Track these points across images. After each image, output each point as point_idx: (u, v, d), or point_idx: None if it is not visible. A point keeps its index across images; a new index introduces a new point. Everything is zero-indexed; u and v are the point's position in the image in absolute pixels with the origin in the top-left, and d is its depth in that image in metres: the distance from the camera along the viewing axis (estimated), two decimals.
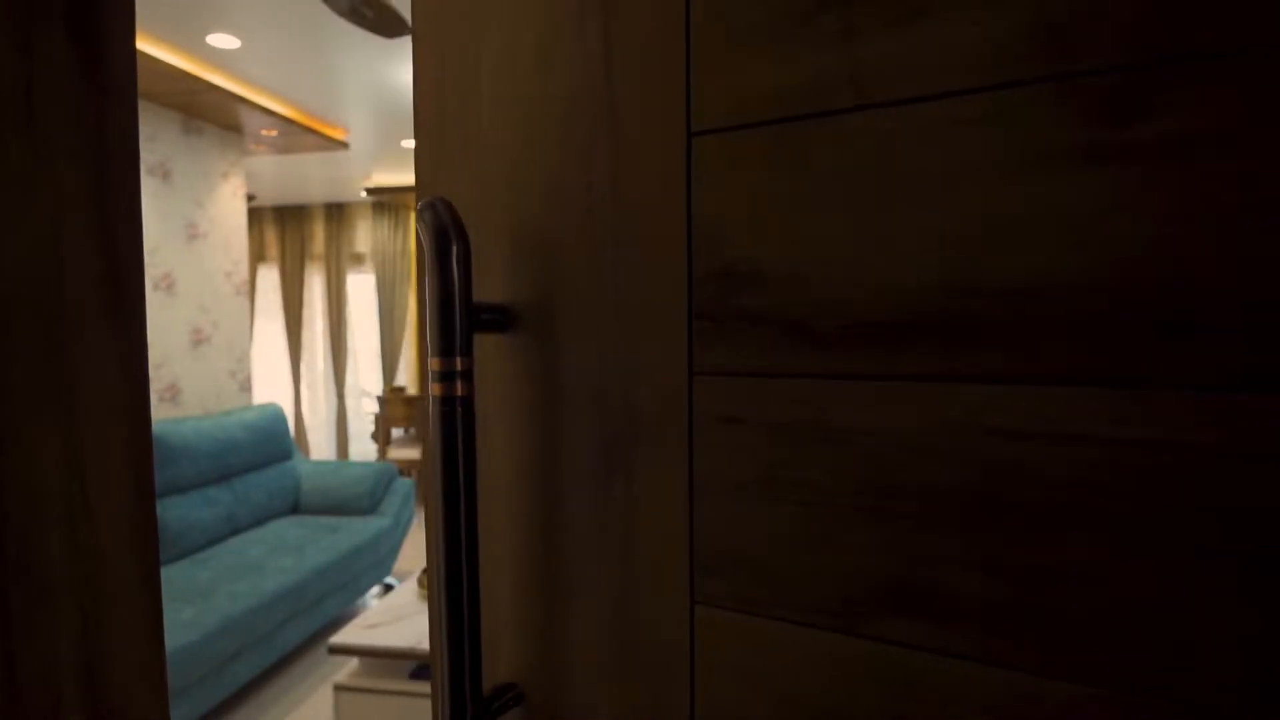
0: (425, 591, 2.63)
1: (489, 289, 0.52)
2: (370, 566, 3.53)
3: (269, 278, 6.88)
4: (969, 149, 0.36)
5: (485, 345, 0.53)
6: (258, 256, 6.81)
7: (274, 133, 3.93)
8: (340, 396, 6.70)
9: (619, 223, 0.46)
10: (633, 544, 0.47)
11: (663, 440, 0.45)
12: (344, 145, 4.36)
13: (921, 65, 0.37)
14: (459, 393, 0.46)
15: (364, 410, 6.67)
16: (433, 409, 0.46)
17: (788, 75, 0.40)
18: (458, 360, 0.45)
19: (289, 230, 6.69)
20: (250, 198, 5.30)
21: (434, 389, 0.45)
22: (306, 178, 5.60)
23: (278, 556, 3.07)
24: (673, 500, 0.45)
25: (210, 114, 3.61)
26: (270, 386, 6.97)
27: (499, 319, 0.51)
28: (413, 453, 5.68)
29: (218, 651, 2.48)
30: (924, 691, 0.38)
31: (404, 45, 2.97)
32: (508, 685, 0.53)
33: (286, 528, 3.50)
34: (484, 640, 0.54)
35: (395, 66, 3.22)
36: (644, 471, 0.46)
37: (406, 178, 5.53)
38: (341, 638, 2.34)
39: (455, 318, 0.45)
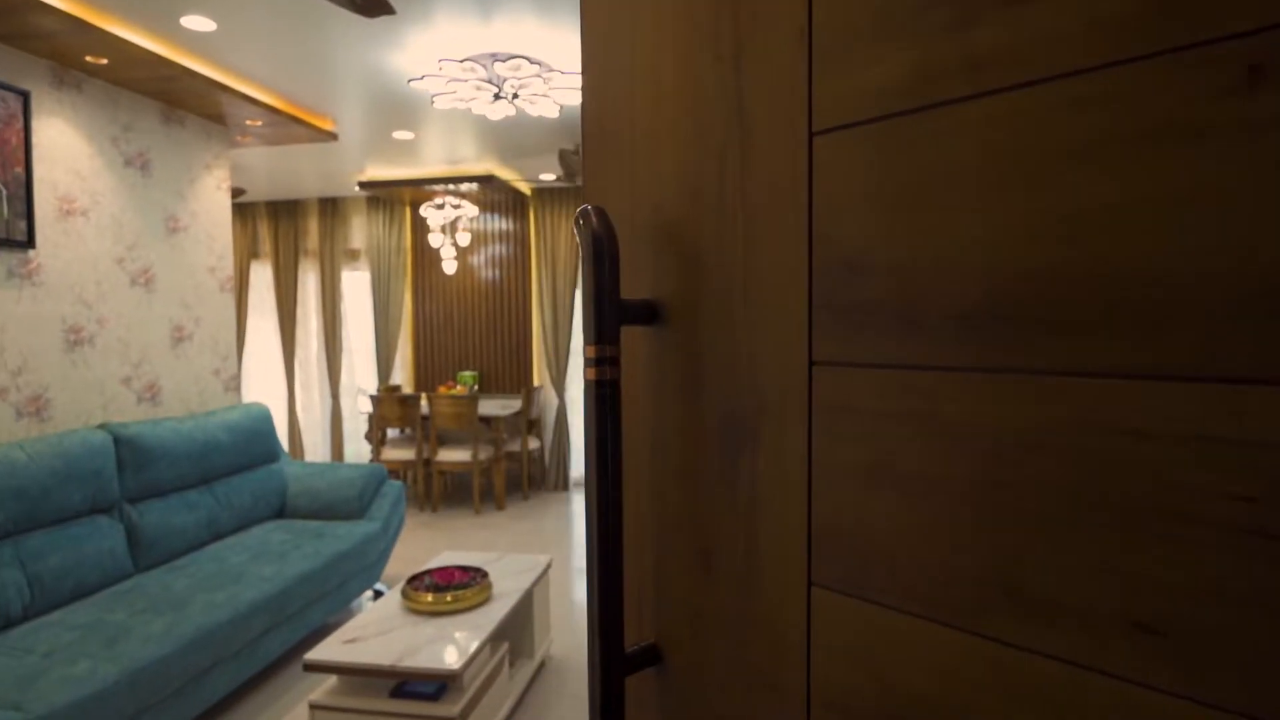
0: (409, 603, 2.49)
1: (638, 286, 0.58)
2: (358, 573, 3.40)
3: (262, 274, 6.75)
4: (1086, 129, 0.35)
5: (632, 335, 0.59)
6: (251, 252, 6.69)
7: (259, 123, 3.79)
8: (334, 396, 6.57)
9: (748, 220, 0.49)
10: (757, 522, 0.49)
11: (784, 426, 0.47)
12: (333, 136, 4.22)
13: (1035, 48, 0.36)
14: (608, 377, 0.51)
15: (360, 409, 6.53)
16: (586, 391, 0.52)
17: (902, 70, 0.41)
18: (608, 348, 0.51)
19: (282, 225, 6.56)
20: (239, 191, 5.17)
21: (587, 373, 0.51)
22: (298, 172, 5.47)
23: (259, 564, 2.94)
24: (793, 484, 0.47)
25: (190, 103, 3.47)
26: (264, 385, 6.85)
27: (644, 312, 0.56)
28: (407, 453, 5.54)
29: (190, 665, 2.34)
30: (1021, 691, 0.38)
31: (390, 29, 2.83)
32: (648, 645, 0.58)
33: (271, 532, 3.36)
34: (627, 602, 0.60)
35: (382, 52, 3.07)
36: (767, 455, 0.48)
37: (400, 171, 5.39)
38: (318, 653, 2.20)
39: (606, 311, 0.51)
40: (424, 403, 5.62)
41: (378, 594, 3.76)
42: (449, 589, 2.53)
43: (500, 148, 4.74)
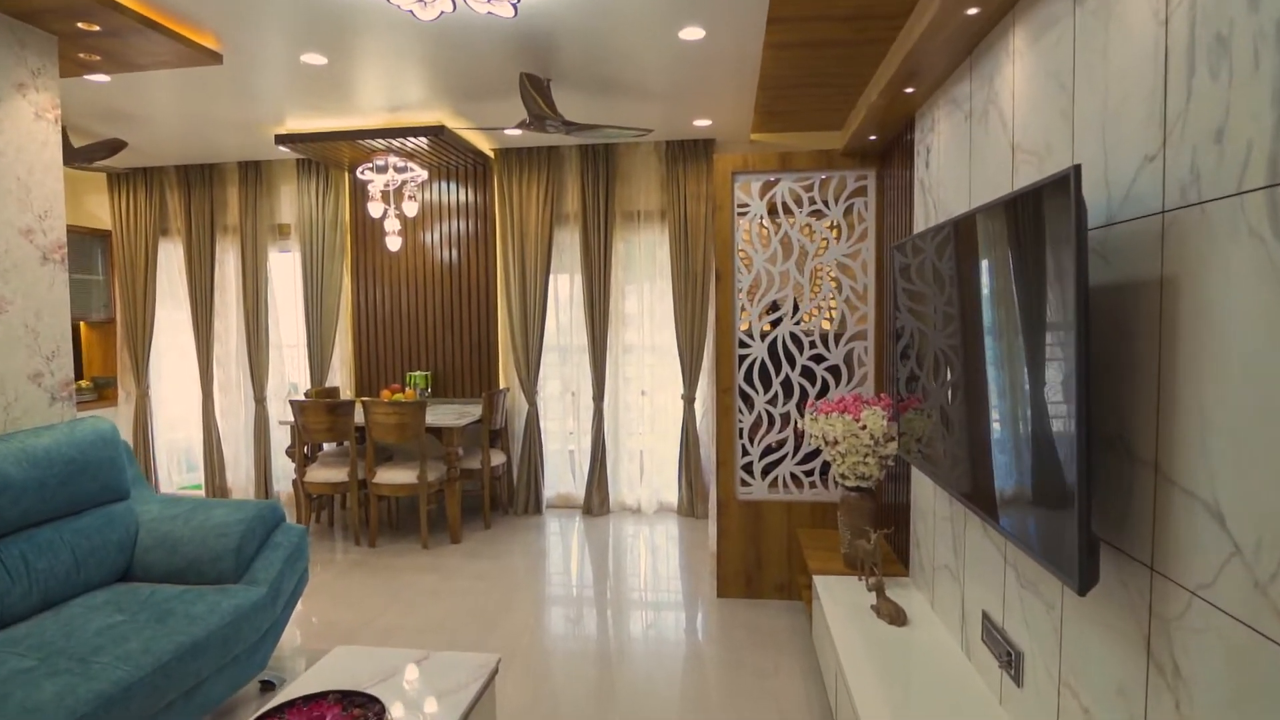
0: None
1: None
2: (225, 666, 2.34)
3: (173, 255, 5.64)
4: None
5: None
6: (158, 229, 5.56)
7: (95, 27, 2.71)
8: (259, 400, 5.48)
9: None
10: None
11: None
12: (216, 58, 3.15)
13: None
14: None
15: (283, 419, 5.44)
16: None
17: None
18: None
19: (195, 196, 5.45)
20: (117, 144, 4.06)
21: None
22: (207, 119, 4.37)
23: (39, 680, 1.88)
24: None
25: None
26: (177, 388, 5.74)
27: None
28: (339, 473, 4.48)
29: None
30: None
31: None
32: None
33: (93, 611, 2.30)
34: None
35: None
36: None
37: (327, 121, 4.31)
38: None
39: None
40: (359, 410, 4.55)
41: (267, 686, 2.70)
42: None
43: (447, 84, 3.68)
